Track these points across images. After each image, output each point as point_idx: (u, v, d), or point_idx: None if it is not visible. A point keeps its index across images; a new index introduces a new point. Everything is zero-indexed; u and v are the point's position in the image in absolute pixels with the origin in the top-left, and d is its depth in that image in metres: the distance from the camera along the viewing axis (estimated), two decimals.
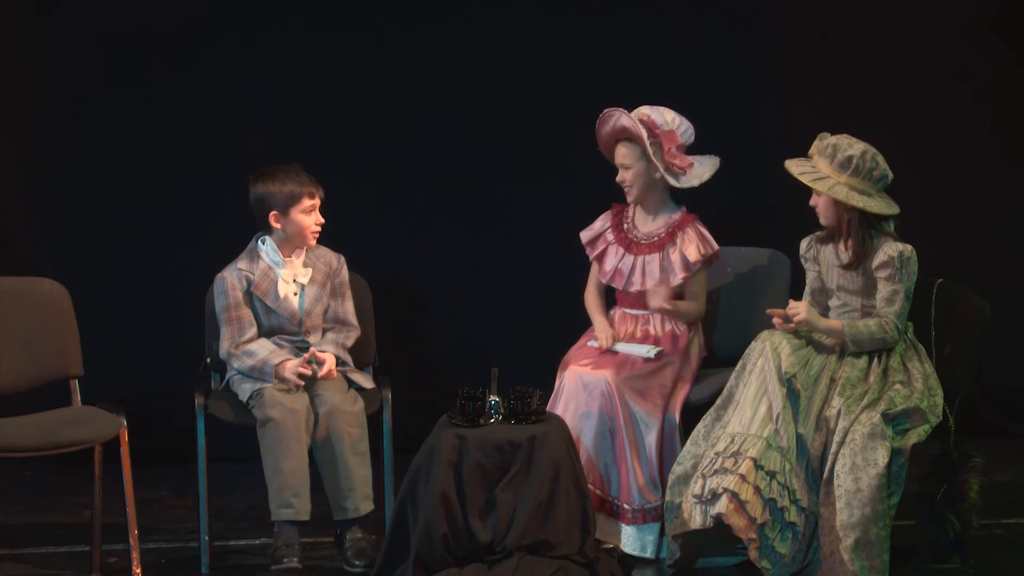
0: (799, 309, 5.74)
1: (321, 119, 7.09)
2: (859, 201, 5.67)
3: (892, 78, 7.25)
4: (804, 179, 5.71)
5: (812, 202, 5.81)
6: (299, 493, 5.74)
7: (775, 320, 5.78)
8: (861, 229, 5.73)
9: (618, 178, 6.12)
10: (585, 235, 6.27)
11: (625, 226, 6.23)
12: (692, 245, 6.09)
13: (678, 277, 6.08)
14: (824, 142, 5.76)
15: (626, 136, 6.06)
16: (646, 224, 6.20)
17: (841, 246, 5.81)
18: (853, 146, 5.71)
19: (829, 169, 5.71)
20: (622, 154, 6.09)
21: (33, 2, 7.00)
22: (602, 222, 6.27)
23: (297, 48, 7.08)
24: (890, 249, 5.71)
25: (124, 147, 7.06)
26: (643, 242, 6.17)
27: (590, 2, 7.16)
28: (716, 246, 6.12)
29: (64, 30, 7.01)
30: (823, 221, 5.82)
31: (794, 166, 5.76)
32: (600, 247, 6.24)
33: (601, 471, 5.91)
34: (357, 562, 5.78)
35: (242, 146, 6.92)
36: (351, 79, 7.11)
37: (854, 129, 5.82)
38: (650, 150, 6.00)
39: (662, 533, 5.87)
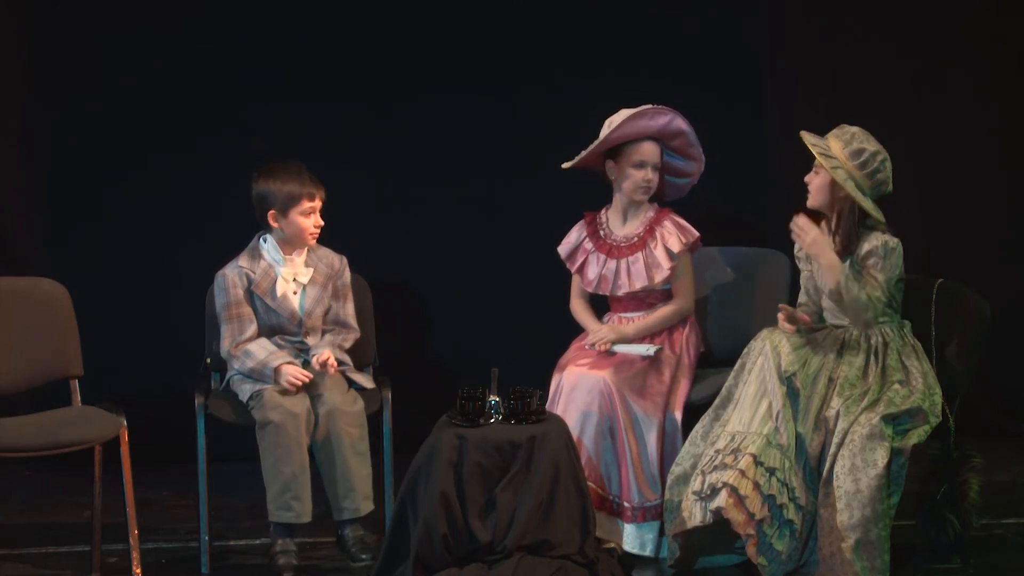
0: (806, 228, 5.73)
1: (321, 118, 7.09)
2: (854, 191, 5.67)
3: (892, 78, 7.26)
4: (814, 151, 5.72)
5: (807, 178, 5.81)
6: (300, 496, 5.74)
7: (780, 316, 5.78)
8: (850, 220, 5.73)
9: (643, 177, 6.08)
10: (563, 249, 6.27)
11: (602, 232, 6.23)
12: (673, 237, 6.10)
13: (663, 270, 6.09)
14: (844, 129, 5.77)
15: (661, 136, 6.05)
16: (623, 227, 6.20)
17: (831, 238, 5.81)
18: (870, 142, 5.72)
19: (840, 152, 5.72)
20: (657, 153, 6.08)
21: (34, 1, 7.01)
22: (577, 233, 6.26)
23: (297, 48, 7.08)
24: (875, 240, 5.72)
25: (124, 147, 7.06)
26: (623, 245, 6.17)
27: (591, 1, 7.16)
28: (696, 233, 6.13)
29: (64, 30, 7.01)
30: (811, 202, 5.81)
31: (809, 137, 5.76)
32: (580, 258, 6.24)
33: (602, 470, 5.91)
34: (363, 556, 5.78)
35: (242, 146, 6.92)
36: (351, 79, 7.11)
37: None
38: (703, 160, 6.08)
39: (662, 532, 5.87)
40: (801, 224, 5.76)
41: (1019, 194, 7.40)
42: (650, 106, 6.05)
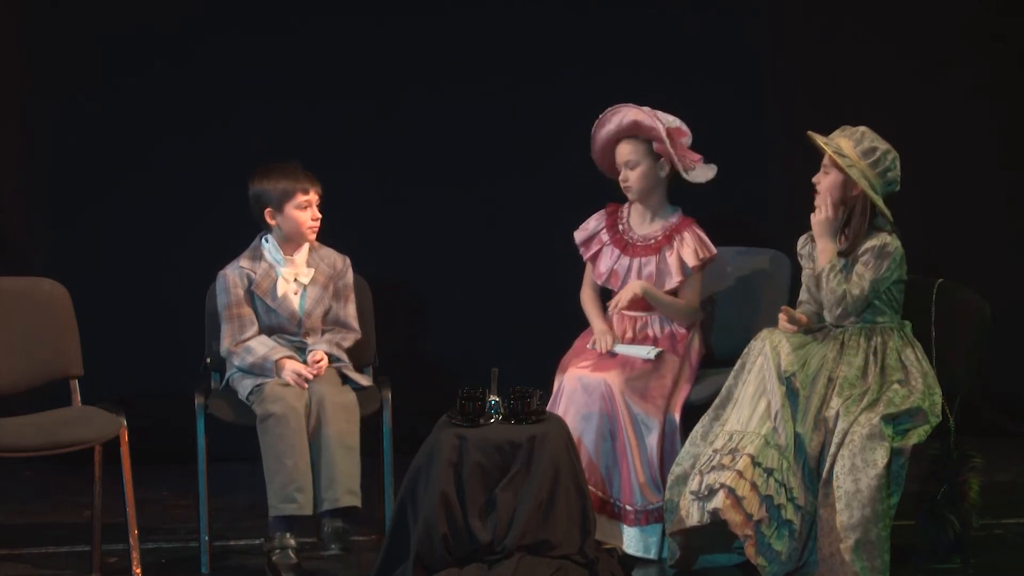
0: (826, 208, 5.76)
1: (321, 118, 7.09)
2: (869, 190, 5.68)
3: (892, 78, 7.25)
4: (827, 148, 5.72)
5: (816, 179, 5.81)
6: (303, 488, 5.72)
7: (781, 316, 5.79)
8: (862, 218, 5.74)
9: (621, 177, 6.10)
10: (579, 235, 6.26)
11: (620, 227, 6.21)
12: (689, 249, 6.07)
13: (673, 280, 6.07)
14: (850, 128, 5.77)
15: (630, 133, 6.04)
16: (643, 226, 6.19)
17: (840, 236, 5.81)
18: (879, 140, 5.74)
19: (851, 151, 5.72)
20: (626, 152, 6.07)
21: (34, 1, 7.00)
22: (596, 222, 6.25)
23: (297, 48, 7.08)
24: (876, 240, 5.74)
25: (124, 147, 7.06)
26: (639, 244, 6.16)
27: (591, 1, 7.15)
28: (714, 250, 6.11)
29: (64, 30, 7.01)
30: (820, 201, 5.80)
31: (819, 137, 5.77)
32: (595, 248, 6.22)
33: (602, 473, 5.90)
34: (333, 545, 5.71)
35: (242, 146, 6.92)
36: (351, 79, 7.11)
37: None
38: (666, 140, 5.97)
39: (665, 534, 5.87)
40: (825, 202, 5.76)
41: (1019, 194, 7.40)
42: (609, 109, 6.05)
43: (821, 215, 5.78)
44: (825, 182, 5.79)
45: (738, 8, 7.19)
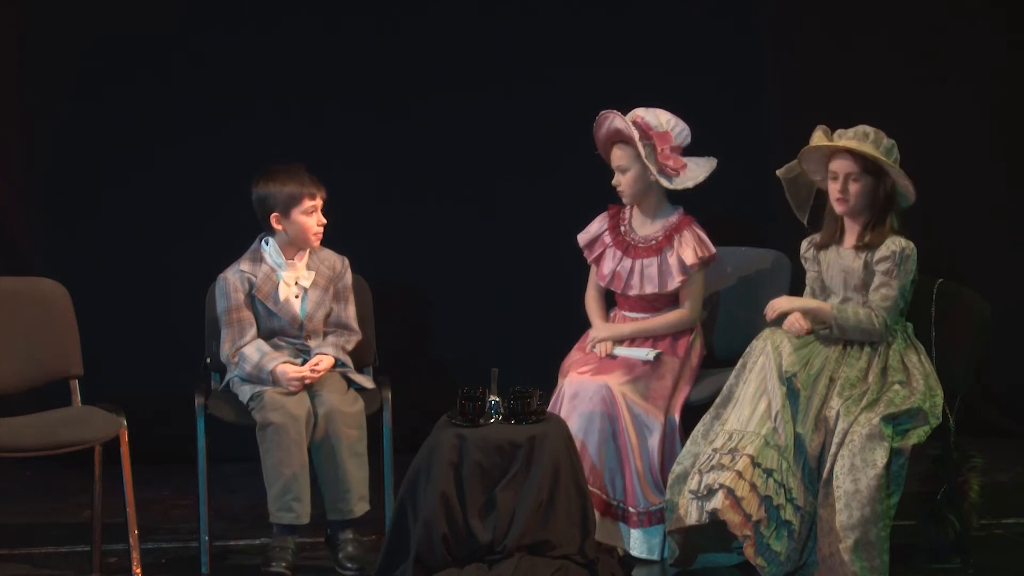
0: (775, 305, 5.75)
1: (321, 119, 7.09)
2: (905, 189, 5.68)
3: (893, 77, 7.25)
4: (874, 153, 5.68)
5: (838, 188, 5.77)
6: (300, 498, 5.74)
7: (790, 318, 5.79)
8: (887, 213, 5.73)
9: (614, 180, 6.12)
10: (582, 238, 6.26)
11: (622, 228, 6.21)
12: (689, 248, 6.07)
13: (675, 280, 6.07)
14: (860, 129, 5.74)
15: (621, 138, 6.05)
16: (644, 227, 6.19)
17: (848, 237, 5.80)
18: (886, 136, 5.73)
19: (875, 152, 5.71)
20: (618, 156, 6.09)
21: (34, 1, 7.00)
22: (599, 224, 6.25)
23: (298, 48, 7.07)
24: (892, 244, 5.73)
25: (124, 147, 7.05)
26: (641, 245, 6.16)
27: (590, 1, 7.15)
28: (713, 249, 6.10)
29: (64, 30, 7.00)
30: (848, 209, 5.76)
31: (853, 144, 5.72)
32: (598, 250, 6.22)
33: (605, 476, 5.90)
34: (350, 565, 5.77)
35: (243, 146, 6.92)
36: (352, 79, 7.11)
37: None
38: (643, 152, 5.99)
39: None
40: (775, 307, 5.79)
41: (1020, 194, 7.39)
42: (601, 113, 6.05)
43: (796, 327, 5.77)
44: (855, 188, 5.74)
45: (739, 6, 7.19)
